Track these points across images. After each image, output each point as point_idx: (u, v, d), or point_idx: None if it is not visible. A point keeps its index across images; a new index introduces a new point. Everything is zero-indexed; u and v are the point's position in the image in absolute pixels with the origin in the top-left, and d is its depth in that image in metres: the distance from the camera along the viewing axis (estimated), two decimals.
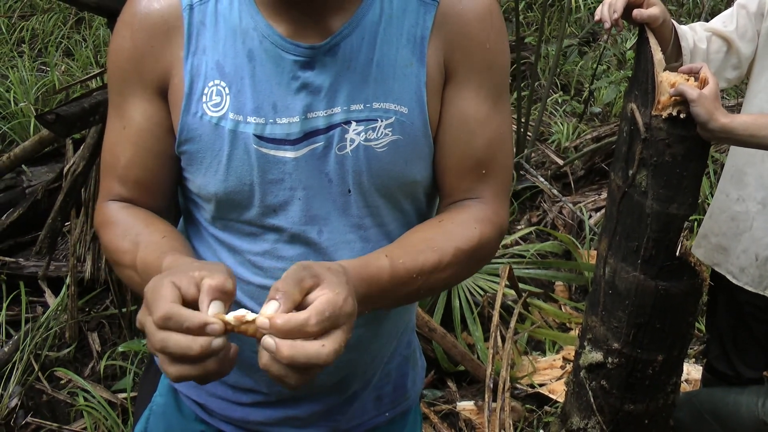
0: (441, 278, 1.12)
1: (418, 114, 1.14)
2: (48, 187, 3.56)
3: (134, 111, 1.16)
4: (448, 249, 1.11)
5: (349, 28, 1.10)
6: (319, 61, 1.10)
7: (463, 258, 1.13)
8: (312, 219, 1.16)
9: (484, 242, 1.16)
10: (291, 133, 1.11)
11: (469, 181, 1.19)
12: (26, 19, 6.50)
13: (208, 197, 1.18)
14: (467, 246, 1.13)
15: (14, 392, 2.82)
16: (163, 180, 1.21)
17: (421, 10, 1.13)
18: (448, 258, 1.11)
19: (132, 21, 1.14)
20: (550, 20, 6.62)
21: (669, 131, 1.81)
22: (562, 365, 3.13)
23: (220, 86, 1.11)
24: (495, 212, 1.19)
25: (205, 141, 1.13)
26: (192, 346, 0.83)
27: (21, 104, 4.92)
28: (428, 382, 3.02)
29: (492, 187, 1.20)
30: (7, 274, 3.34)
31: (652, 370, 2.07)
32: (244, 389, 1.32)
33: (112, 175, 1.21)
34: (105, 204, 1.22)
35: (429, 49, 1.13)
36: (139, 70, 1.14)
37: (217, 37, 1.11)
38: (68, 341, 3.12)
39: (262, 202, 1.15)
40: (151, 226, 1.16)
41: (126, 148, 1.18)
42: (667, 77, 1.79)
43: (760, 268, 2.14)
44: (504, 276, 2.96)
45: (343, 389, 1.33)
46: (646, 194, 1.89)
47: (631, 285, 1.99)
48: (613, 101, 5.26)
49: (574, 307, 3.52)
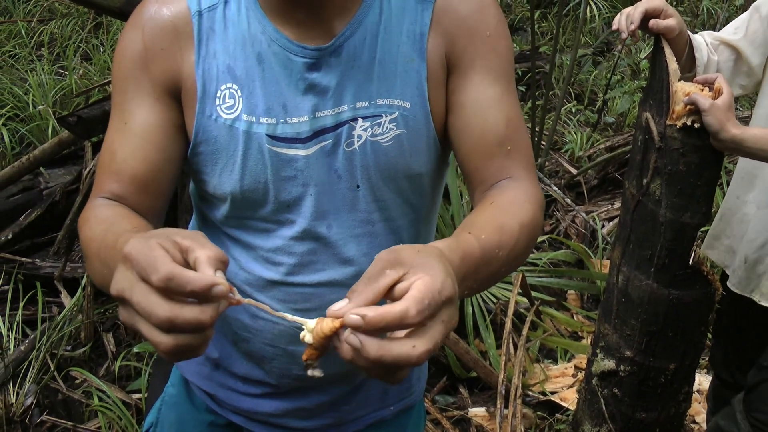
0: (515, 254, 1.06)
1: (420, 108, 1.17)
2: (66, 188, 3.61)
3: (139, 109, 1.17)
4: (514, 225, 1.06)
5: (351, 29, 1.14)
6: (324, 62, 1.14)
7: (526, 233, 1.09)
8: (322, 214, 1.20)
9: (536, 217, 1.13)
10: (301, 132, 1.15)
11: (497, 160, 1.17)
12: (45, 24, 6.58)
13: (223, 196, 1.20)
14: (527, 221, 1.09)
15: (30, 391, 2.86)
16: (161, 178, 1.18)
17: (419, 8, 1.17)
18: (517, 233, 1.06)
19: (142, 24, 1.17)
20: (565, 30, 6.64)
21: (683, 140, 1.82)
22: (574, 374, 3.13)
23: (232, 89, 1.15)
24: (533, 187, 1.18)
25: (221, 142, 1.16)
26: (201, 316, 0.74)
27: (39, 107, 4.97)
28: (440, 388, 3.03)
29: (520, 162, 1.19)
30: (24, 274, 3.38)
31: (664, 378, 2.07)
32: (254, 381, 1.36)
33: (107, 170, 1.18)
34: (91, 202, 1.17)
35: (429, 45, 1.17)
36: (149, 70, 1.16)
37: (226, 42, 1.15)
38: (83, 341, 3.15)
39: (276, 198, 1.18)
40: (125, 218, 1.09)
41: (126, 142, 1.16)
42: (682, 87, 1.81)
43: (747, 270, 2.12)
44: (517, 284, 2.97)
45: (350, 380, 1.37)
46: (660, 203, 1.90)
47: (643, 293, 1.99)
48: (627, 111, 5.27)
49: (586, 316, 3.53)
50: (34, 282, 3.31)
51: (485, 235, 1.00)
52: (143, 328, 0.75)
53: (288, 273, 1.23)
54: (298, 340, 0.81)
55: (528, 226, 1.09)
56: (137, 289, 0.74)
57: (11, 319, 3.16)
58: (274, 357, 1.30)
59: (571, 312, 3.55)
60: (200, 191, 1.27)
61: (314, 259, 1.23)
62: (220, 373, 1.39)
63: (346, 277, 1.23)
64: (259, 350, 1.31)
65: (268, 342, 1.29)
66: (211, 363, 1.39)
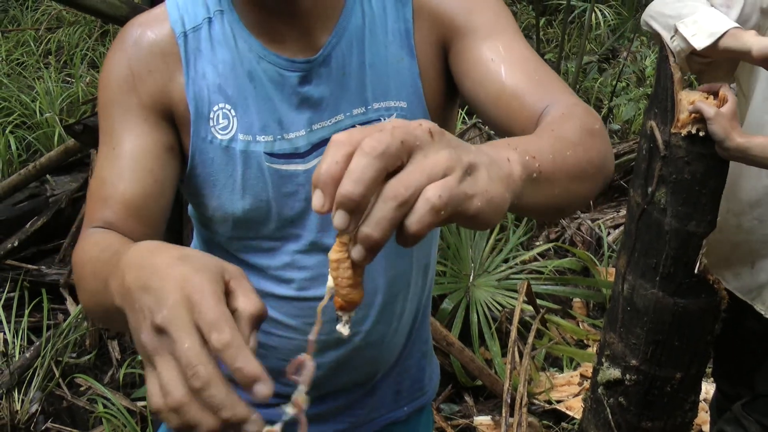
0: (589, 149, 0.90)
1: (417, 105, 1.16)
2: (72, 196, 3.62)
3: (128, 133, 1.12)
4: (570, 127, 0.92)
5: (336, 36, 1.13)
6: (315, 73, 1.13)
7: (587, 134, 0.93)
8: (328, 225, 1.18)
9: (594, 122, 0.98)
10: (299, 146, 1.14)
11: (531, 92, 1.06)
12: (53, 32, 6.62)
13: (223, 218, 1.19)
14: (587, 126, 0.95)
15: (35, 398, 2.86)
16: (153, 203, 1.12)
17: (399, 6, 1.16)
18: (577, 132, 0.91)
19: (126, 48, 1.14)
20: (570, 37, 6.64)
21: (688, 149, 1.82)
22: (580, 382, 3.12)
23: (225, 109, 1.13)
24: (577, 101, 1.05)
25: (218, 164, 1.15)
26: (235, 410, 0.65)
27: (46, 114, 4.99)
28: (446, 396, 3.02)
29: (555, 85, 1.07)
30: (29, 281, 3.39)
31: (670, 387, 2.06)
32: None
33: (97, 198, 1.11)
34: (83, 232, 1.09)
35: (416, 40, 1.15)
36: (137, 93, 1.13)
37: (215, 62, 1.13)
38: (88, 348, 3.16)
39: (279, 215, 1.17)
40: (122, 242, 0.99)
41: (115, 167, 1.11)
42: (687, 95, 1.80)
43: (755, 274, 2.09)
44: (522, 292, 2.96)
45: (366, 384, 1.37)
46: (665, 211, 1.89)
47: (649, 302, 1.99)
48: (632, 118, 5.26)
49: (592, 324, 3.52)
50: (39, 289, 3.32)
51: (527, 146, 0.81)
52: (165, 371, 0.64)
53: (300, 288, 1.22)
54: (314, 352, 0.76)
55: (597, 130, 0.95)
56: (191, 337, 0.64)
57: (17, 326, 3.17)
58: None
59: (577, 320, 3.54)
60: (199, 214, 1.25)
61: (326, 272, 1.22)
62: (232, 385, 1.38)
63: None
64: (275, 365, 1.29)
65: (283, 357, 1.28)
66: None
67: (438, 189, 0.61)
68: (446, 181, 0.62)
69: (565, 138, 0.87)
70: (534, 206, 0.78)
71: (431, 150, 0.63)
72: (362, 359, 1.31)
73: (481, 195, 0.64)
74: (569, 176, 0.84)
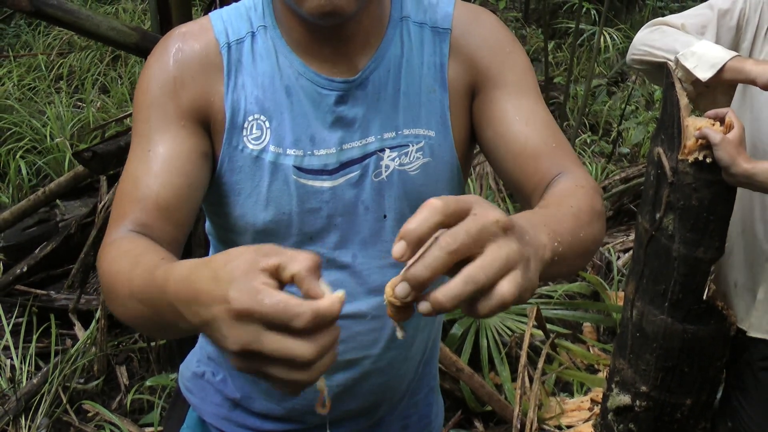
0: (594, 230, 1.00)
1: (444, 136, 1.20)
2: (81, 221, 3.63)
3: (164, 136, 1.15)
4: (584, 206, 1.01)
5: (375, 62, 1.17)
6: (351, 95, 1.16)
7: (596, 216, 1.02)
8: (345, 244, 1.20)
9: (600, 203, 1.07)
10: (328, 164, 1.16)
11: (547, 156, 1.14)
12: (64, 57, 6.67)
13: (244, 228, 1.20)
14: (596, 207, 1.03)
15: (42, 424, 2.85)
16: (184, 205, 1.14)
17: (437, 40, 1.20)
18: (589, 212, 1.00)
19: (170, 55, 1.17)
20: (579, 60, 6.65)
21: (695, 175, 1.81)
22: (590, 407, 3.09)
23: (260, 120, 1.16)
24: (586, 175, 1.13)
25: (246, 172, 1.17)
26: (336, 333, 0.74)
27: (57, 139, 5.02)
28: (455, 422, 3.00)
29: (569, 155, 1.15)
30: (38, 306, 3.40)
31: (680, 414, 2.05)
32: (273, 417, 1.35)
33: (130, 198, 1.13)
34: (112, 232, 1.11)
35: (449, 74, 1.20)
36: (177, 98, 1.16)
37: (255, 74, 1.17)
38: (96, 374, 3.15)
39: (300, 230, 1.19)
40: (151, 251, 1.03)
41: (149, 169, 1.13)
42: (693, 122, 1.80)
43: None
44: (532, 316, 2.95)
45: (372, 413, 1.36)
46: (673, 238, 1.89)
47: (658, 328, 1.98)
48: (642, 142, 5.25)
49: (602, 349, 3.49)
50: (48, 314, 3.32)
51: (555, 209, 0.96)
52: (279, 373, 0.73)
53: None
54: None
55: (597, 213, 1.03)
56: (268, 339, 0.71)
57: (24, 352, 3.17)
58: None
59: (587, 345, 3.52)
60: (219, 224, 1.26)
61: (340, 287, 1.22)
62: (238, 413, 1.38)
63: (372, 308, 1.23)
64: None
65: None
66: (230, 403, 1.38)
67: (511, 286, 0.70)
68: (515, 277, 0.71)
69: (580, 218, 0.97)
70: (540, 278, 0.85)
71: (504, 243, 0.71)
72: (370, 386, 1.30)
73: (531, 288, 0.74)
74: (577, 254, 0.93)
